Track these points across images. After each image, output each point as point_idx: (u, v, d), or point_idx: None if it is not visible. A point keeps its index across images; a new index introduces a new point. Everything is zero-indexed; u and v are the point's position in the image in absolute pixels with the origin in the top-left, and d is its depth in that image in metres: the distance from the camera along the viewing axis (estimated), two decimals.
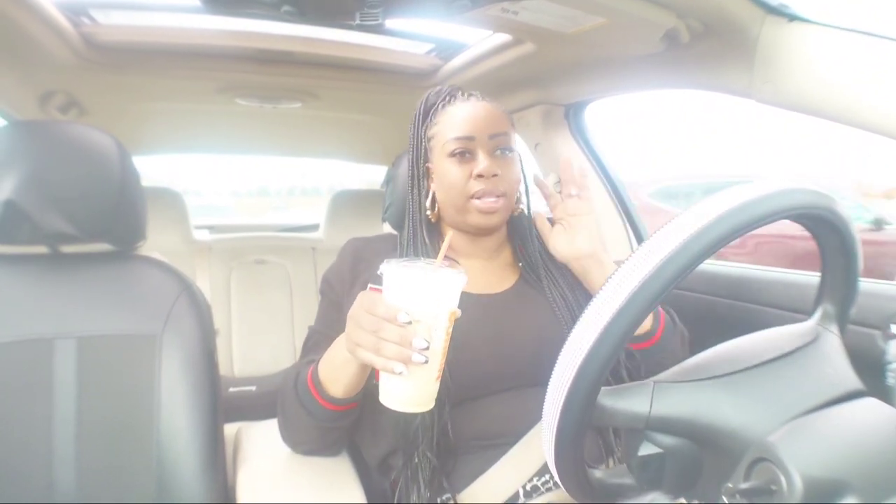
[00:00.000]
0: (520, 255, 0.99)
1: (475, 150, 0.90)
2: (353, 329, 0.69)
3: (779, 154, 8.36)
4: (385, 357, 0.64)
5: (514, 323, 0.91)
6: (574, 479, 0.56)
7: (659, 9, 0.95)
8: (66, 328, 0.91)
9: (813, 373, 0.57)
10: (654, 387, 0.54)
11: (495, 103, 0.96)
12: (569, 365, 0.51)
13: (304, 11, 0.92)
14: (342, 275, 0.95)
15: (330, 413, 0.83)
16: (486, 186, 0.88)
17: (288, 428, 0.91)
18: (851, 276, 0.63)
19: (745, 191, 0.51)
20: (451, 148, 0.90)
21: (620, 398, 0.54)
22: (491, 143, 0.90)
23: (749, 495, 0.47)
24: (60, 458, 0.87)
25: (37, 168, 0.87)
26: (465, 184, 0.89)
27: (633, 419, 0.54)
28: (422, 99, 0.97)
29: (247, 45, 1.44)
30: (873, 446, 0.49)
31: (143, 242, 1.03)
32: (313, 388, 0.83)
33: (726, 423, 0.52)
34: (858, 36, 0.83)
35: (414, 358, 0.63)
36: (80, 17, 1.30)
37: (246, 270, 2.01)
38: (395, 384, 0.66)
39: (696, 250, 0.48)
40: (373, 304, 0.67)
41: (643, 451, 0.54)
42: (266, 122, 1.99)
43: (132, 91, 1.62)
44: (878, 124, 0.82)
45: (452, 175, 0.90)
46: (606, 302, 0.50)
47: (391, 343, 0.64)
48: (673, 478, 0.55)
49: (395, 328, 0.64)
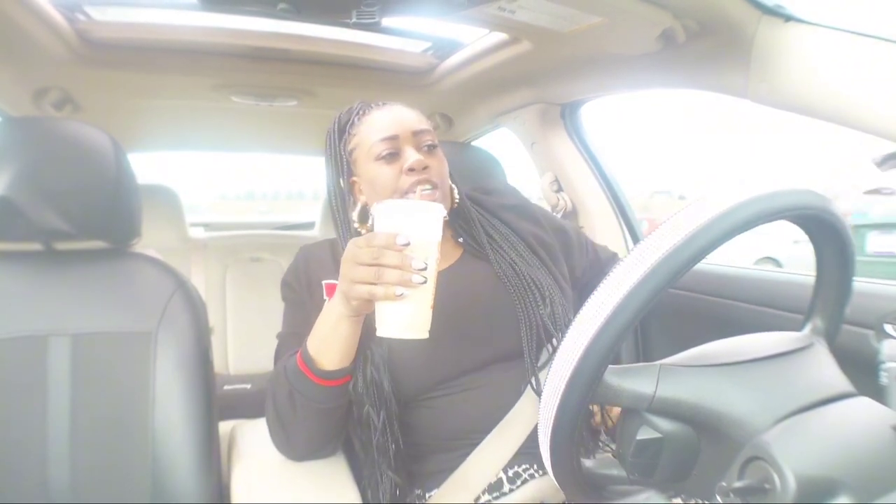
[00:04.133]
0: (458, 231, 1.00)
1: (401, 148, 0.90)
2: (349, 268, 0.72)
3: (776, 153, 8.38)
4: (386, 282, 0.69)
5: (464, 297, 0.91)
6: (567, 466, 0.56)
7: (655, 8, 0.95)
8: (60, 325, 0.90)
9: (813, 372, 0.58)
10: (659, 369, 0.55)
11: (410, 106, 0.96)
12: (576, 344, 0.52)
13: (301, 9, 0.92)
14: (299, 276, 0.97)
15: (325, 390, 0.83)
16: (418, 178, 0.88)
17: (282, 423, 0.88)
18: (845, 284, 0.64)
19: (746, 190, 0.52)
20: (377, 151, 0.90)
21: (626, 377, 0.55)
22: (415, 139, 0.91)
23: (743, 494, 0.47)
24: (55, 455, 0.87)
25: (31, 165, 0.87)
26: (397, 181, 0.89)
27: (638, 399, 0.54)
28: (333, 121, 0.98)
29: (243, 42, 1.44)
30: (866, 445, 0.49)
31: (138, 240, 1.02)
32: (304, 368, 0.83)
33: (731, 409, 0.53)
34: (854, 36, 0.84)
35: (414, 279, 0.68)
36: (74, 14, 1.29)
37: (241, 268, 2.00)
38: (395, 310, 0.70)
39: (700, 244, 0.49)
40: (370, 237, 0.71)
41: (641, 434, 0.54)
42: (261, 120, 1.99)
43: (127, 88, 1.61)
44: (873, 124, 0.83)
45: (383, 176, 0.90)
46: (618, 284, 0.51)
47: (391, 269, 0.69)
48: (667, 467, 0.55)
49: (395, 253, 0.69)
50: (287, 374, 0.85)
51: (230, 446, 1.02)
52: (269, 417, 0.90)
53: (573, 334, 0.53)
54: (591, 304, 0.52)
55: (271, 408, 0.89)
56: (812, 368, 0.58)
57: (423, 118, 0.95)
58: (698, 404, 0.53)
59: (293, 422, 0.87)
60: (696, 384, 0.54)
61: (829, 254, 0.64)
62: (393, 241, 0.69)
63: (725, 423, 0.52)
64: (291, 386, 0.84)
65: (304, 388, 0.83)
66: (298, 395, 0.84)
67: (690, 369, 0.55)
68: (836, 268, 0.64)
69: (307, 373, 0.83)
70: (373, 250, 0.70)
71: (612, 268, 0.52)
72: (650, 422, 0.54)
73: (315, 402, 0.84)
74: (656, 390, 0.54)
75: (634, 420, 0.55)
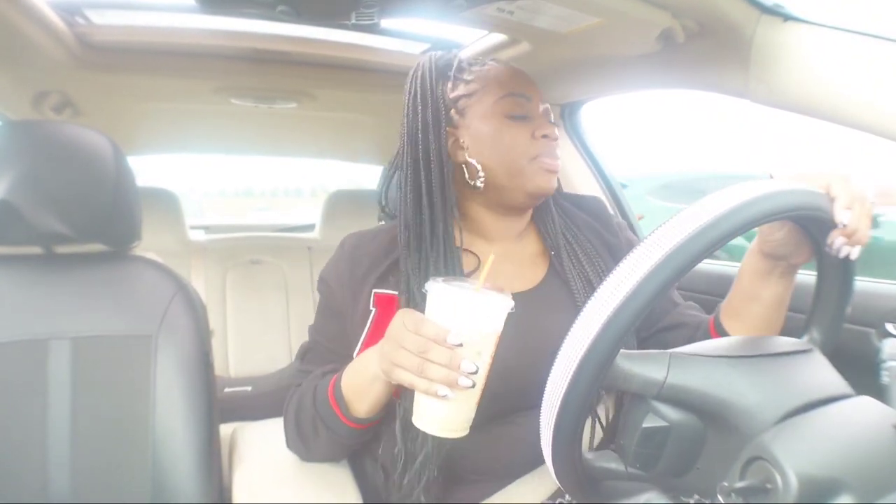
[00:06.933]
0: (549, 242, 0.90)
1: (533, 111, 0.83)
2: (392, 349, 0.64)
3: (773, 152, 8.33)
4: (429, 379, 0.61)
5: (543, 328, 0.78)
6: (567, 456, 0.56)
7: (654, 9, 0.95)
8: (60, 329, 0.90)
9: (816, 373, 0.58)
10: (670, 357, 0.55)
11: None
12: (585, 332, 0.51)
13: (300, 11, 0.91)
14: (340, 276, 0.86)
15: (353, 431, 0.80)
16: (550, 146, 0.82)
17: (303, 441, 0.86)
18: (846, 290, 0.65)
19: (748, 189, 0.52)
20: (507, 107, 0.81)
21: (637, 363, 0.54)
22: (542, 110, 0.85)
23: (744, 494, 0.47)
24: (55, 459, 0.87)
25: (31, 168, 0.87)
26: (528, 144, 0.81)
27: (648, 384, 0.54)
28: (423, 60, 0.87)
29: (242, 45, 1.44)
30: (868, 445, 0.49)
31: (138, 243, 1.02)
32: (336, 406, 0.79)
33: (741, 399, 0.53)
34: (853, 36, 0.84)
35: (461, 382, 0.60)
36: (74, 17, 1.29)
37: (241, 270, 2.00)
38: (435, 407, 0.63)
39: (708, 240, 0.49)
40: (419, 323, 0.63)
41: (648, 423, 0.54)
42: (261, 122, 1.99)
43: (127, 91, 1.61)
44: (872, 124, 0.83)
45: (512, 136, 0.80)
46: (626, 277, 0.50)
47: (438, 365, 0.61)
48: (670, 458, 0.55)
49: (444, 350, 0.61)
50: (316, 403, 0.81)
51: (231, 449, 1.02)
52: (289, 428, 0.88)
53: (588, 313, 0.51)
54: (609, 284, 0.51)
55: (293, 421, 0.87)
56: (815, 370, 0.59)
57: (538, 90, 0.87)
58: (708, 393, 0.53)
59: (314, 443, 0.85)
60: (706, 373, 0.54)
61: (829, 258, 0.64)
62: (444, 337, 0.60)
63: (734, 413, 0.52)
64: (318, 415, 0.81)
65: (332, 424, 0.80)
66: (323, 427, 0.81)
67: (701, 358, 0.55)
68: (838, 272, 0.64)
69: (337, 411, 0.79)
70: (420, 340, 0.61)
71: (636, 247, 0.51)
72: (657, 410, 0.54)
73: (340, 437, 0.81)
74: (667, 377, 0.53)
75: (641, 408, 0.55)
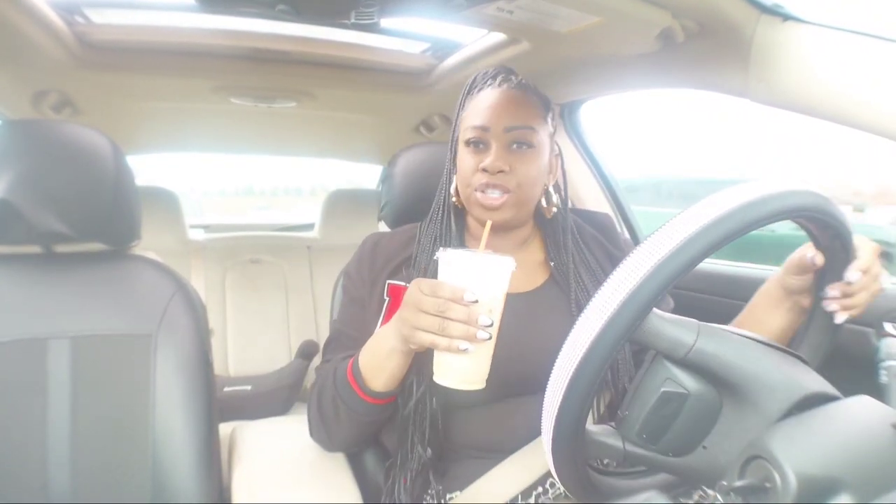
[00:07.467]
0: (552, 254, 0.95)
1: (489, 141, 0.87)
2: (412, 314, 0.70)
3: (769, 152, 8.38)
4: (450, 336, 0.68)
5: (538, 326, 0.88)
6: (571, 435, 0.56)
7: (654, 8, 0.95)
8: (60, 328, 0.90)
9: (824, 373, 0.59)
10: (700, 325, 0.55)
11: (531, 93, 0.91)
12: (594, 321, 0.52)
13: (300, 10, 0.91)
14: (362, 270, 0.94)
15: (370, 407, 0.83)
16: (489, 181, 0.85)
17: (325, 423, 0.89)
18: (833, 328, 0.67)
19: (749, 189, 0.52)
20: (466, 136, 0.89)
21: (669, 323, 0.54)
22: (506, 136, 0.86)
23: (744, 493, 0.47)
24: (55, 458, 0.87)
25: (30, 167, 0.87)
26: (472, 175, 0.87)
27: (677, 345, 0.54)
28: (477, 73, 0.95)
29: (241, 44, 1.44)
30: (867, 444, 0.49)
31: (138, 242, 1.02)
32: (353, 383, 0.82)
33: (766, 375, 0.53)
34: (852, 36, 0.84)
35: (479, 335, 0.67)
36: (73, 16, 1.29)
37: (241, 270, 2.00)
38: (455, 363, 0.70)
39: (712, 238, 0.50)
40: (435, 287, 0.69)
41: (667, 387, 0.54)
42: (261, 122, 1.99)
43: (126, 90, 1.61)
44: (871, 124, 0.83)
45: (465, 164, 0.88)
46: (631, 272, 0.51)
47: (458, 322, 0.67)
48: (679, 430, 0.55)
49: (461, 307, 0.67)
50: (336, 382, 0.85)
51: (231, 448, 1.02)
52: (312, 413, 0.91)
53: (631, 264, 0.52)
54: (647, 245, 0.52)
55: (315, 405, 0.90)
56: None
57: (528, 112, 0.88)
58: (735, 363, 0.54)
59: (335, 424, 0.88)
60: (734, 346, 0.55)
61: (833, 259, 0.64)
62: (461, 295, 0.67)
63: (757, 387, 0.53)
64: (338, 394, 0.84)
65: (351, 401, 0.83)
66: (343, 405, 0.84)
67: (728, 333, 0.56)
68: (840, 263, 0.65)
69: (355, 387, 0.83)
70: (438, 301, 0.68)
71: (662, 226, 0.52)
72: (676, 377, 0.54)
73: (359, 414, 0.84)
74: (696, 341, 0.54)
75: (660, 373, 0.55)
